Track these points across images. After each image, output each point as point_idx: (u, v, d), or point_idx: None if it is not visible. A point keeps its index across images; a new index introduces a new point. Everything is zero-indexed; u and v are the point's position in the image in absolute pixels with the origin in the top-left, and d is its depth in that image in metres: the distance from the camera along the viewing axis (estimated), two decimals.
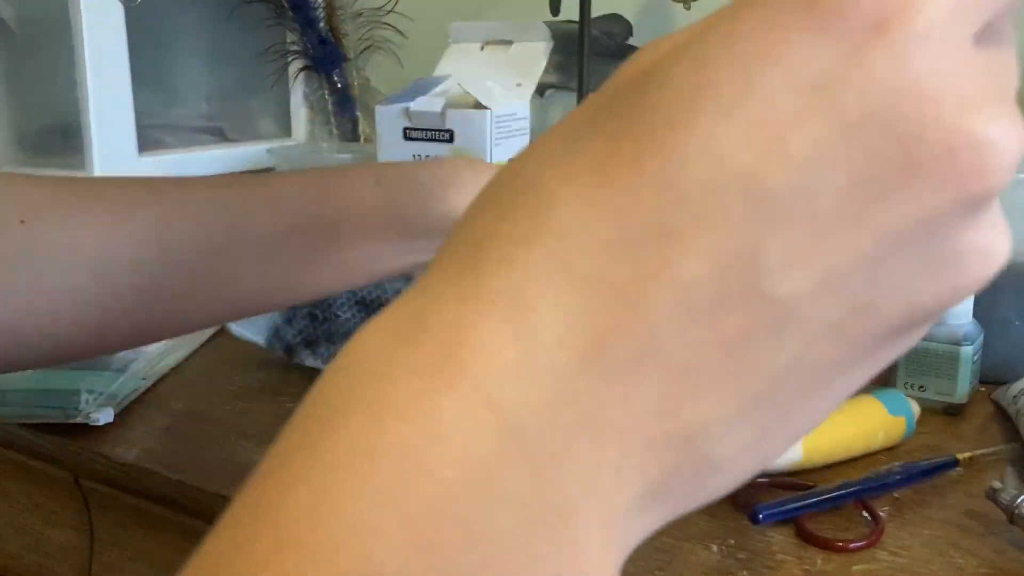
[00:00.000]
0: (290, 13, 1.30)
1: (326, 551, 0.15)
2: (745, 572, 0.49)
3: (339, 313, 0.76)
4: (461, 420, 0.16)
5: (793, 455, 0.58)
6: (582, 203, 0.18)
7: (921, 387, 0.70)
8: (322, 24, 1.31)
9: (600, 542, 0.17)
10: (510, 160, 0.20)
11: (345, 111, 1.34)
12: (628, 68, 0.20)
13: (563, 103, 1.17)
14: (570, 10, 0.99)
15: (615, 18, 1.12)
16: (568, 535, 0.17)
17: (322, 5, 1.31)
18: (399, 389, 0.17)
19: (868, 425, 0.62)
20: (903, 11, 0.16)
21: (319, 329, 0.77)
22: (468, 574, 0.16)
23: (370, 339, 0.18)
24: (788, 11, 0.17)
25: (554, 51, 0.81)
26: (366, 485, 0.16)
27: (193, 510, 0.60)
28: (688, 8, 1.55)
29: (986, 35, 0.18)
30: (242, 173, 0.79)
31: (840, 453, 0.60)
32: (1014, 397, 0.68)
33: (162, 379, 0.77)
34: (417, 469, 0.16)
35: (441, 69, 0.80)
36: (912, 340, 0.20)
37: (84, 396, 0.67)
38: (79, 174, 1.06)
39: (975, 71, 0.17)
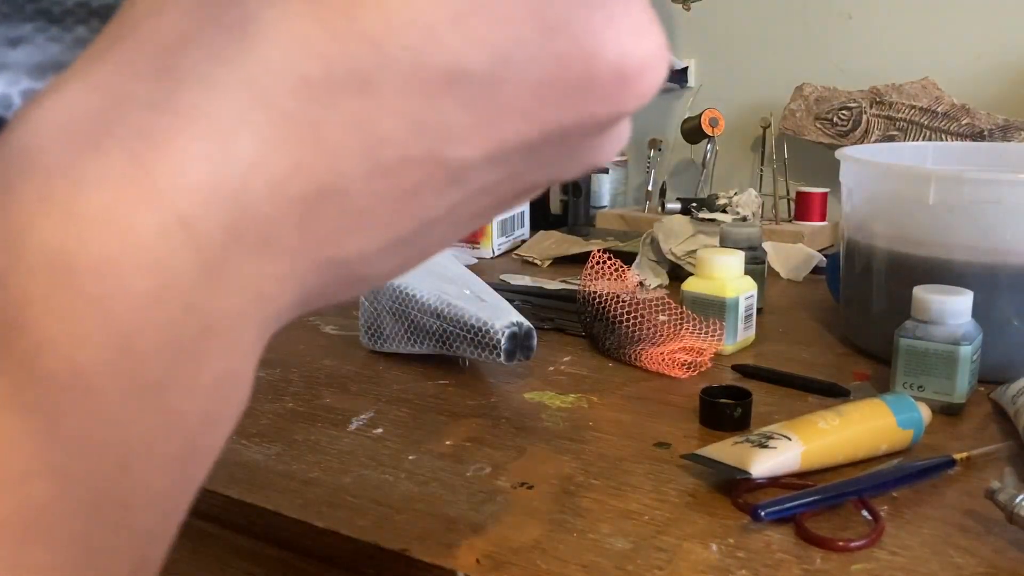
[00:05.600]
0: None
1: (30, 355, 0.16)
2: (744, 571, 0.49)
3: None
4: (155, 235, 0.17)
5: (792, 464, 0.58)
6: (291, 37, 0.18)
7: (920, 387, 0.70)
8: None
9: (253, 340, 0.19)
10: None
11: None
12: None
13: None
14: None
15: None
16: (237, 337, 0.19)
17: None
18: (92, 197, 0.17)
19: (874, 440, 0.62)
20: None
21: None
22: (158, 375, 0.17)
23: (47, 131, 0.17)
24: None
25: None
26: (64, 293, 0.16)
27: (193, 510, 0.60)
28: (688, 9, 1.55)
29: None
30: None
31: (841, 460, 0.61)
32: (1013, 397, 0.68)
33: None
34: (116, 281, 0.17)
35: None
36: (541, 191, 0.24)
37: None
38: None
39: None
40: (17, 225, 0.17)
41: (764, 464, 0.57)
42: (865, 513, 0.55)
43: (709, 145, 1.50)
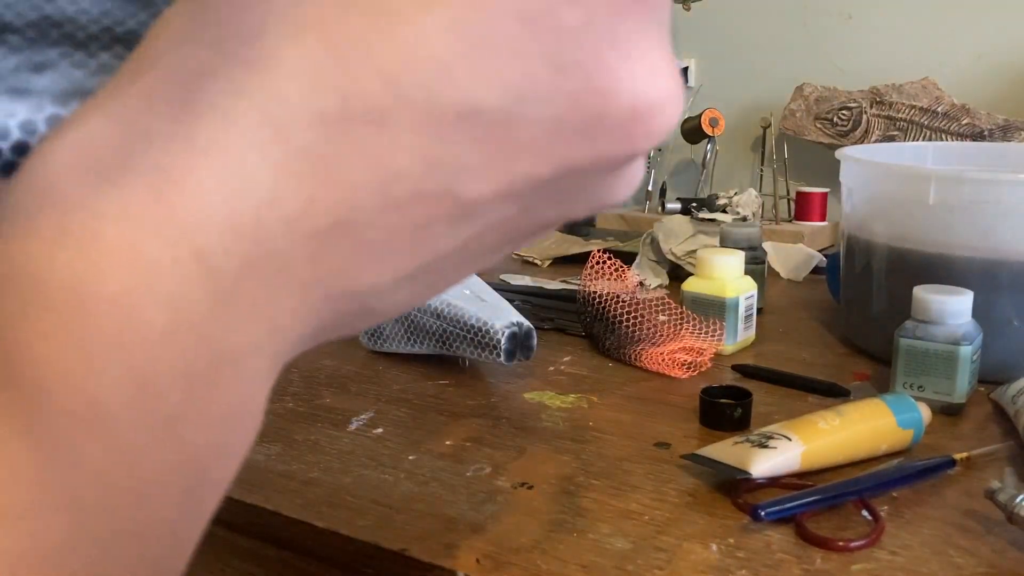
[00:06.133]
0: None
1: (46, 390, 0.16)
2: (744, 571, 0.49)
3: None
4: (171, 269, 0.17)
5: (792, 464, 0.58)
6: (308, 72, 0.18)
7: (920, 387, 0.70)
8: None
9: (266, 371, 0.20)
10: None
11: None
12: None
13: None
14: None
15: None
16: (249, 369, 0.19)
17: None
18: (110, 233, 0.17)
19: (874, 440, 0.62)
20: None
21: None
22: (173, 407, 0.18)
23: (66, 164, 0.18)
24: None
25: None
26: (81, 327, 0.17)
27: None
28: (688, 9, 1.55)
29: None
30: None
31: (841, 460, 0.61)
32: (1013, 397, 0.68)
33: None
34: (132, 315, 0.17)
35: None
36: (553, 228, 0.24)
37: None
38: None
39: (661, 38, 0.20)
40: (36, 258, 0.17)
41: (764, 464, 0.57)
42: (865, 513, 0.55)
43: (709, 145, 1.50)
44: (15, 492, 0.17)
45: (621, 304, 0.85)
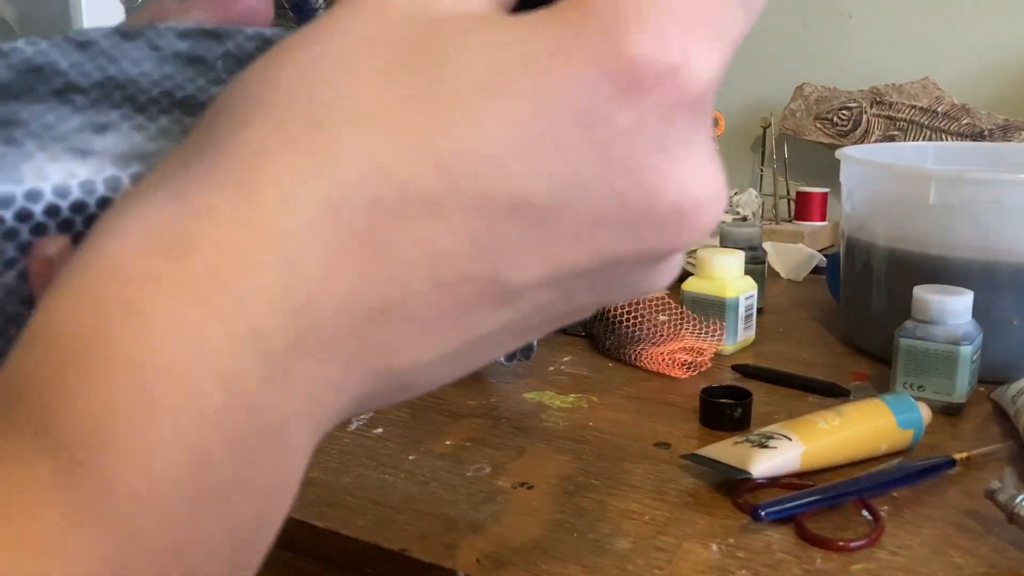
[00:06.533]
0: (290, 13, 1.30)
1: (110, 470, 0.17)
2: (744, 571, 0.49)
3: None
4: (227, 345, 0.18)
5: (792, 464, 0.58)
6: (368, 159, 0.19)
7: (920, 387, 0.70)
8: None
9: (307, 443, 0.20)
10: (286, 67, 0.20)
11: None
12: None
13: None
14: None
15: None
16: (292, 440, 0.19)
17: (323, 5, 1.31)
18: (170, 308, 0.18)
19: (874, 440, 0.62)
20: (676, 73, 0.19)
21: None
22: (224, 481, 0.18)
23: (130, 239, 0.18)
24: (581, 43, 0.19)
25: None
26: (144, 405, 0.17)
27: None
28: None
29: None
30: None
31: (841, 460, 0.61)
32: (1013, 397, 0.68)
33: None
34: (190, 390, 0.17)
35: None
36: (591, 312, 0.24)
37: None
38: None
39: (706, 139, 0.21)
40: (100, 332, 0.17)
41: (764, 464, 0.57)
42: (865, 513, 0.55)
43: None
44: (61, 562, 0.17)
45: (621, 304, 0.85)
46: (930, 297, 0.70)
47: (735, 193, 1.33)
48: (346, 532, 0.54)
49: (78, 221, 0.22)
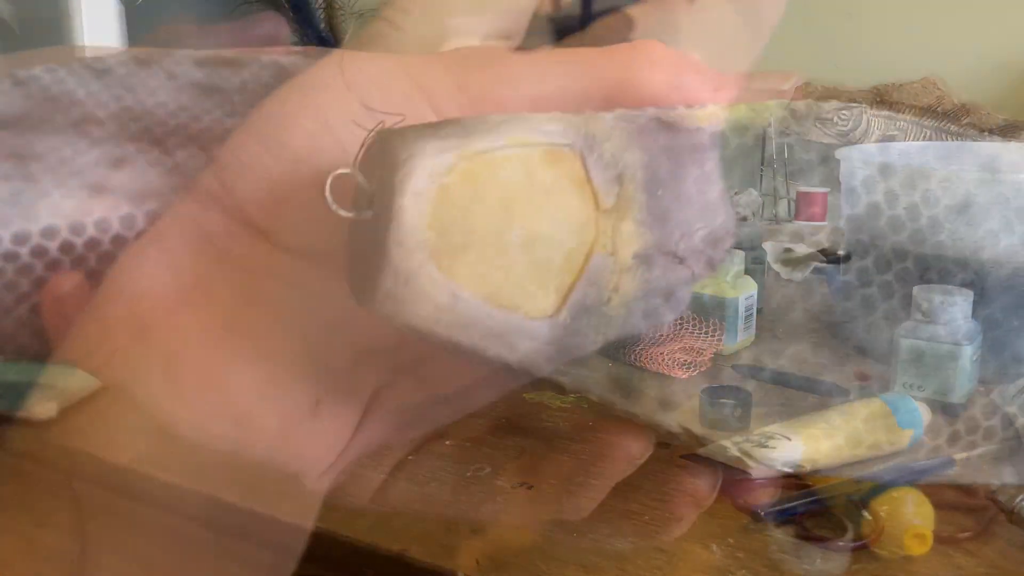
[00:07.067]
0: (290, 13, 1.30)
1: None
2: (744, 571, 0.49)
3: None
4: (245, 391, 0.20)
5: (792, 464, 0.58)
6: None
7: (920, 387, 0.70)
8: (322, 24, 1.31)
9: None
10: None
11: None
12: None
13: None
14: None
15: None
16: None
17: (322, 5, 1.31)
18: (191, 359, 0.19)
19: (874, 440, 0.62)
20: None
21: None
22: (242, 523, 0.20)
23: (147, 291, 0.20)
24: None
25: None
26: (169, 458, 0.18)
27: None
28: None
29: None
30: None
31: (841, 460, 0.60)
32: (1013, 397, 0.68)
33: None
34: (207, 439, 0.19)
35: None
36: None
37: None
38: None
39: None
40: (123, 386, 0.18)
41: (764, 464, 0.57)
42: (865, 513, 0.55)
43: None
44: None
45: None
46: (930, 297, 0.70)
47: (735, 193, 1.33)
48: (345, 533, 0.54)
49: (92, 258, 0.23)
